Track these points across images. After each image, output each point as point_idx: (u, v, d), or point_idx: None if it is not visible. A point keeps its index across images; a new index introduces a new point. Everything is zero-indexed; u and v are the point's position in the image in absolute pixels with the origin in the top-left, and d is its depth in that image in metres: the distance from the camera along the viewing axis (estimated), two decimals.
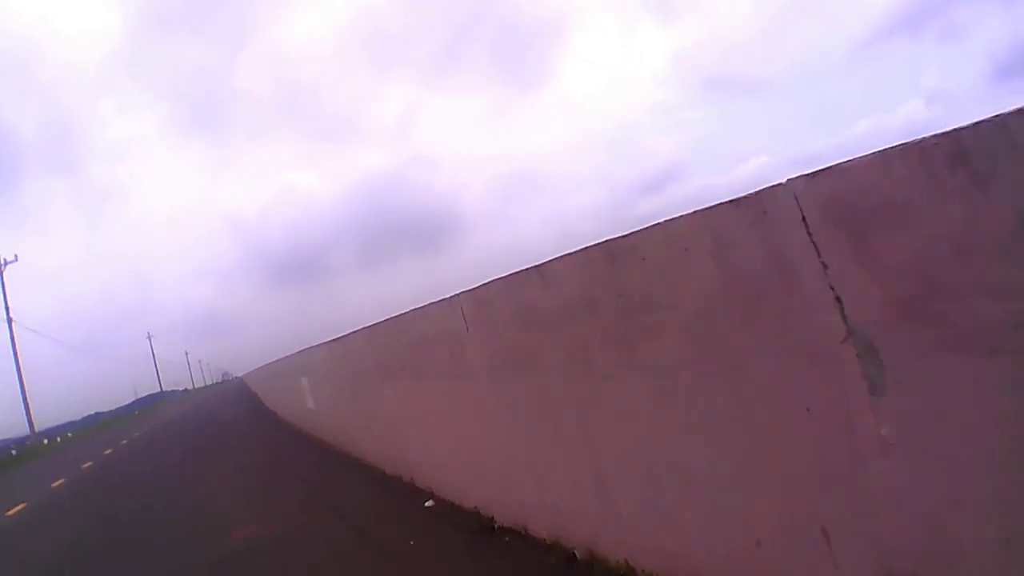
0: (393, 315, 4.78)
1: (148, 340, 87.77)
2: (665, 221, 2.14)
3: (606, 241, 2.41)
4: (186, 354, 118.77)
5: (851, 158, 1.52)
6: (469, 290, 3.45)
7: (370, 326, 5.52)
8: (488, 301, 3.35)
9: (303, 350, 9.78)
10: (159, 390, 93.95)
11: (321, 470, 7.05)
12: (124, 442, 20.93)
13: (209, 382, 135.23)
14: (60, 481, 12.74)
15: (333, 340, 7.09)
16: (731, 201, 1.85)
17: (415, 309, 4.26)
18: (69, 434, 44.60)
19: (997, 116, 1.29)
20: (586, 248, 2.53)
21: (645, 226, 2.20)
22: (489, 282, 3.25)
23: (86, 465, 15.29)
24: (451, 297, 3.67)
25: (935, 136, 1.36)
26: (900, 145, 1.43)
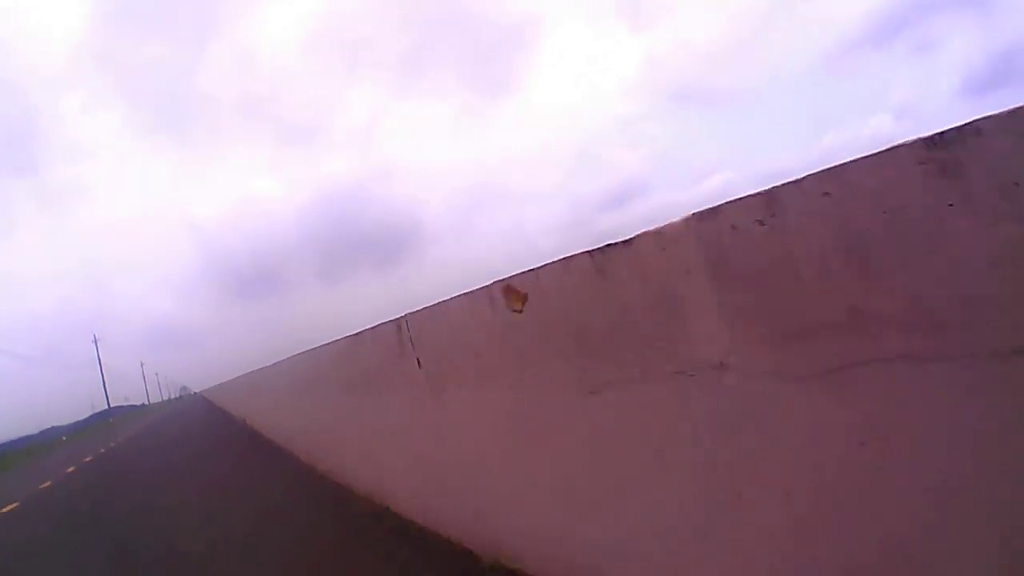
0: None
1: (94, 344, 74.97)
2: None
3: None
4: (141, 365, 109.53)
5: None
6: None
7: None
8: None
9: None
10: (106, 406, 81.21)
11: None
12: None
13: (167, 397, 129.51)
14: None
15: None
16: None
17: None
18: None
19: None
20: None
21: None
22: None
23: None
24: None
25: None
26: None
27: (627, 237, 1.76)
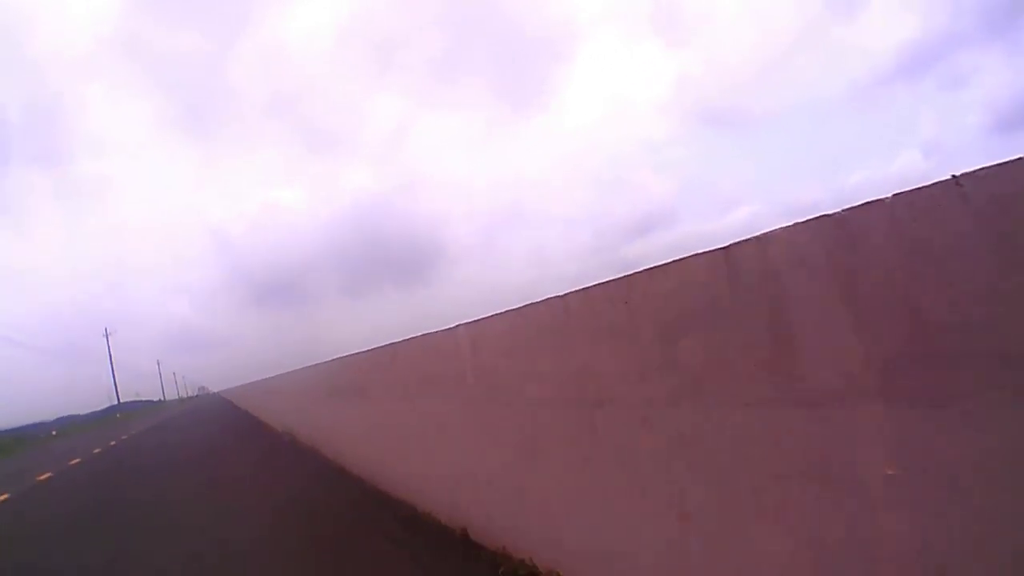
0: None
1: (105, 338, 73.51)
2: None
3: None
4: (158, 363, 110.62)
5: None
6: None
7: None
8: None
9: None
10: (116, 401, 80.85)
11: None
12: None
13: (184, 396, 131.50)
14: None
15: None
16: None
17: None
18: None
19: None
20: None
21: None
22: None
23: None
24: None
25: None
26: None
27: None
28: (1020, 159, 1.21)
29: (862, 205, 1.47)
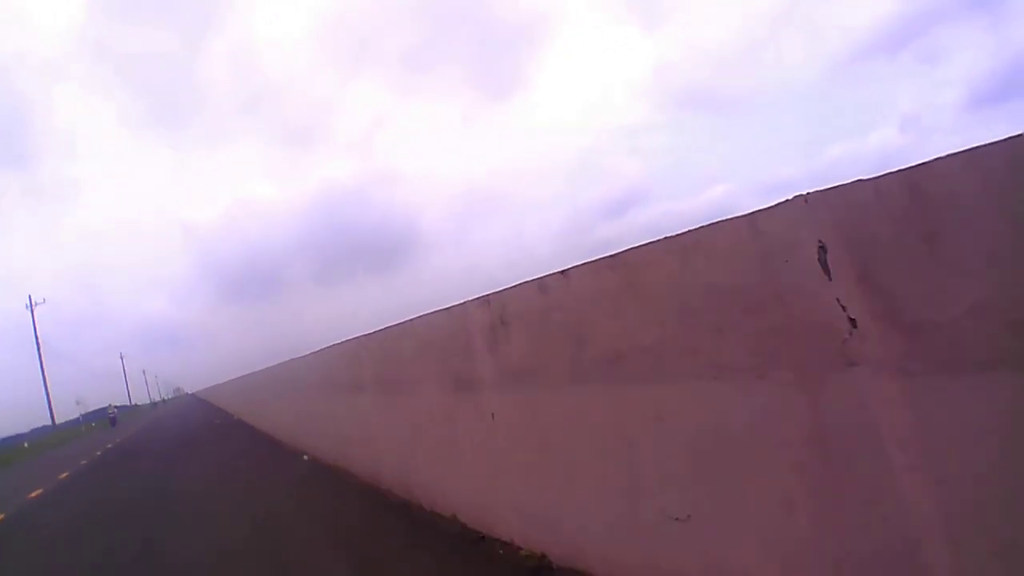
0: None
1: (29, 305, 48.00)
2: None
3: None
4: (121, 357, 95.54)
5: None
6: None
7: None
8: None
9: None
10: (86, 409, 65.17)
11: None
12: None
13: (157, 399, 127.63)
14: None
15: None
16: None
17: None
18: None
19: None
20: None
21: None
22: None
23: None
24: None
25: None
26: None
27: None
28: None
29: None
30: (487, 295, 3.27)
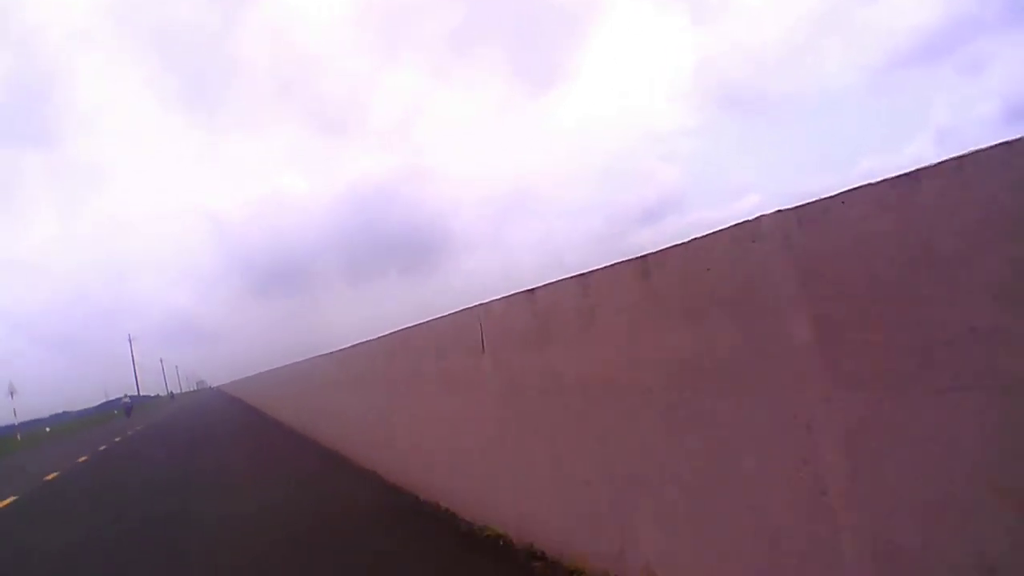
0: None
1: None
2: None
3: None
4: (129, 339, 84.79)
5: None
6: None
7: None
8: None
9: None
10: (109, 398, 67.50)
11: None
12: None
13: (181, 390, 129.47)
14: None
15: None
16: None
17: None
18: None
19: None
20: None
21: None
22: None
23: None
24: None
25: None
26: None
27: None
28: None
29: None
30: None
